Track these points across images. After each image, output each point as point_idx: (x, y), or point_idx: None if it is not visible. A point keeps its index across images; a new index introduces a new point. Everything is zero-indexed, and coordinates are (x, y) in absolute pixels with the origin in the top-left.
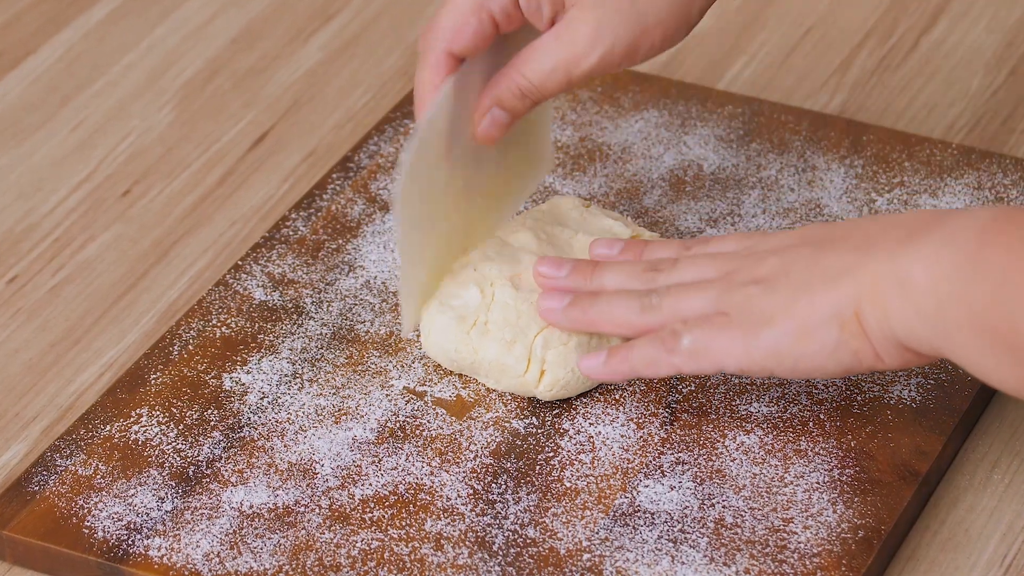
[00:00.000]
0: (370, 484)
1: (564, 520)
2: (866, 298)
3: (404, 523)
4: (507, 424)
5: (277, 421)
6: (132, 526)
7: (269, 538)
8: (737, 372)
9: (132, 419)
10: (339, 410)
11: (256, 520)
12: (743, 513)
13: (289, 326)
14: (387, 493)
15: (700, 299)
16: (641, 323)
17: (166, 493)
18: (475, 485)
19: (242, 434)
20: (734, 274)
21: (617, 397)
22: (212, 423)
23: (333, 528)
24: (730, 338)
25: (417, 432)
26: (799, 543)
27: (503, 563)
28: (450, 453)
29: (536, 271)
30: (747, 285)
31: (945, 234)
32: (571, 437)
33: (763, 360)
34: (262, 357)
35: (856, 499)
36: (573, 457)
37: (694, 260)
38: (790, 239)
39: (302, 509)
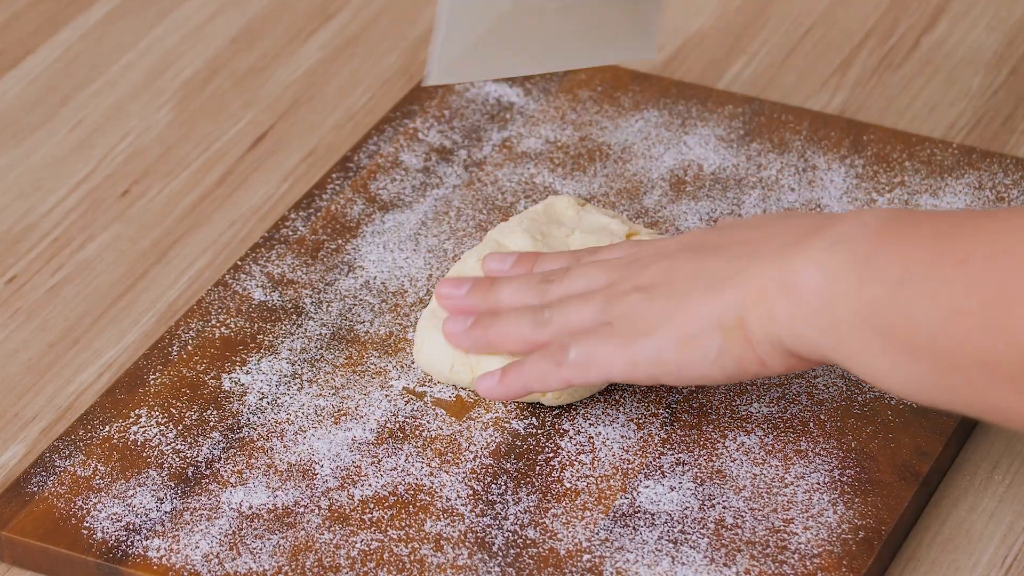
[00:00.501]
0: (369, 485)
1: (564, 521)
2: (750, 304)
3: (404, 524)
4: (507, 425)
5: (276, 422)
6: (131, 527)
7: (268, 539)
8: (624, 381)
9: (131, 420)
10: (338, 411)
11: (255, 521)
12: (743, 514)
13: (288, 326)
14: (387, 494)
15: (586, 310)
16: (535, 338)
17: (165, 494)
18: (475, 486)
19: (241, 435)
20: (618, 283)
21: (617, 398)
22: (211, 423)
23: (332, 529)
24: (614, 348)
25: (417, 433)
26: (799, 544)
27: (503, 564)
28: (450, 454)
29: (437, 293)
30: (630, 293)
31: (836, 236)
32: (571, 438)
33: (647, 368)
34: (261, 357)
35: (857, 500)
36: (573, 458)
37: (583, 269)
38: (675, 245)
39: (301, 510)
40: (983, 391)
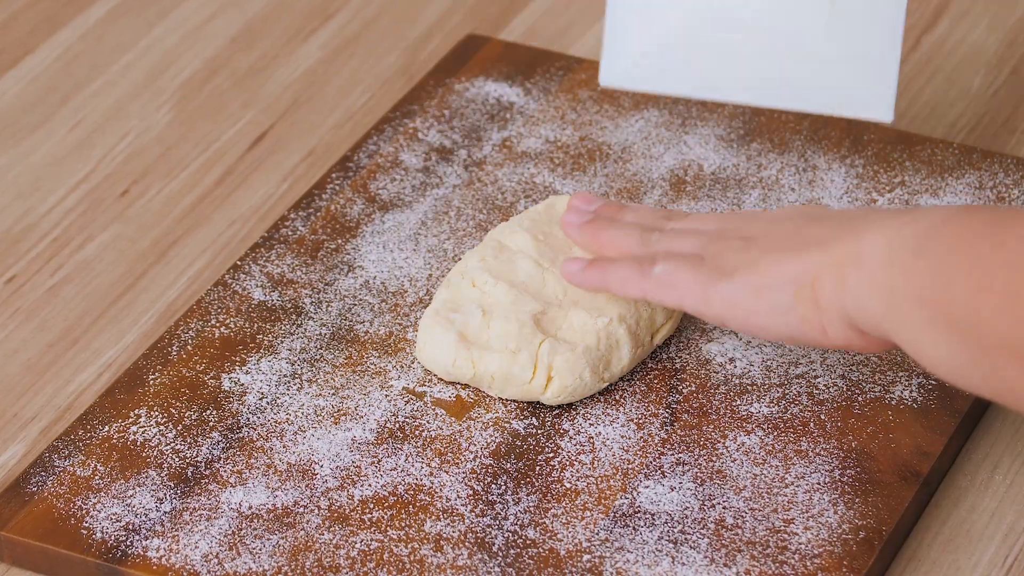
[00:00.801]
0: (369, 485)
1: (564, 521)
2: (827, 270)
3: (403, 524)
4: (507, 425)
5: (276, 422)
6: (131, 527)
7: (268, 539)
8: (694, 314)
9: (131, 420)
10: (338, 411)
11: (255, 521)
12: (744, 514)
13: (288, 326)
14: (386, 494)
15: (690, 243)
16: (637, 253)
17: (165, 494)
18: (475, 486)
19: (241, 435)
20: (728, 231)
21: (617, 398)
22: (211, 424)
23: (332, 529)
24: (695, 279)
25: (416, 433)
26: (800, 544)
27: (503, 564)
28: (450, 454)
29: (571, 201)
30: (732, 239)
31: (909, 218)
32: (571, 438)
33: (718, 307)
34: (261, 357)
35: (857, 500)
36: (573, 458)
37: (704, 217)
38: (795, 210)
39: (301, 510)
40: (1003, 371)
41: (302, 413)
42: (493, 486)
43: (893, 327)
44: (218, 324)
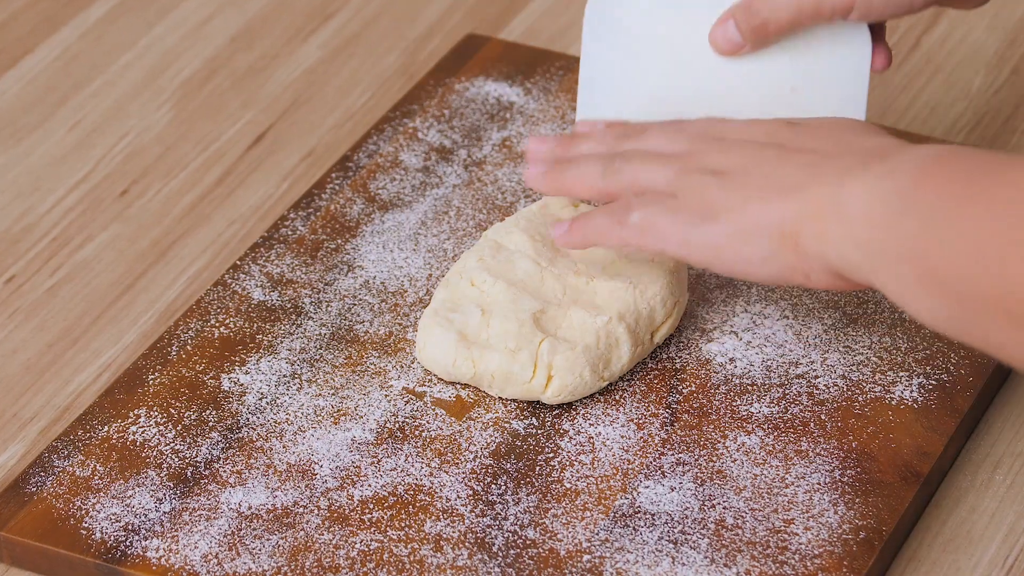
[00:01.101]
0: (369, 485)
1: (564, 521)
2: (806, 219)
3: (403, 524)
4: (507, 425)
5: (276, 422)
6: (130, 527)
7: (268, 539)
8: (676, 258)
9: (130, 420)
10: (338, 411)
11: (255, 521)
12: (744, 514)
13: (288, 326)
14: (386, 494)
15: (658, 172)
16: (604, 186)
17: (164, 494)
18: (475, 486)
19: (240, 435)
20: (696, 155)
21: (617, 398)
22: (210, 424)
23: (332, 529)
24: (674, 222)
25: (416, 433)
26: (800, 544)
27: (503, 564)
28: (449, 454)
29: (526, 147)
30: (705, 173)
31: (890, 166)
32: (571, 438)
33: (700, 251)
34: (261, 357)
35: (857, 500)
36: (573, 458)
37: (663, 129)
38: (760, 134)
39: (301, 510)
40: (988, 327)
41: (302, 413)
42: (493, 486)
43: (878, 279)
44: (218, 324)
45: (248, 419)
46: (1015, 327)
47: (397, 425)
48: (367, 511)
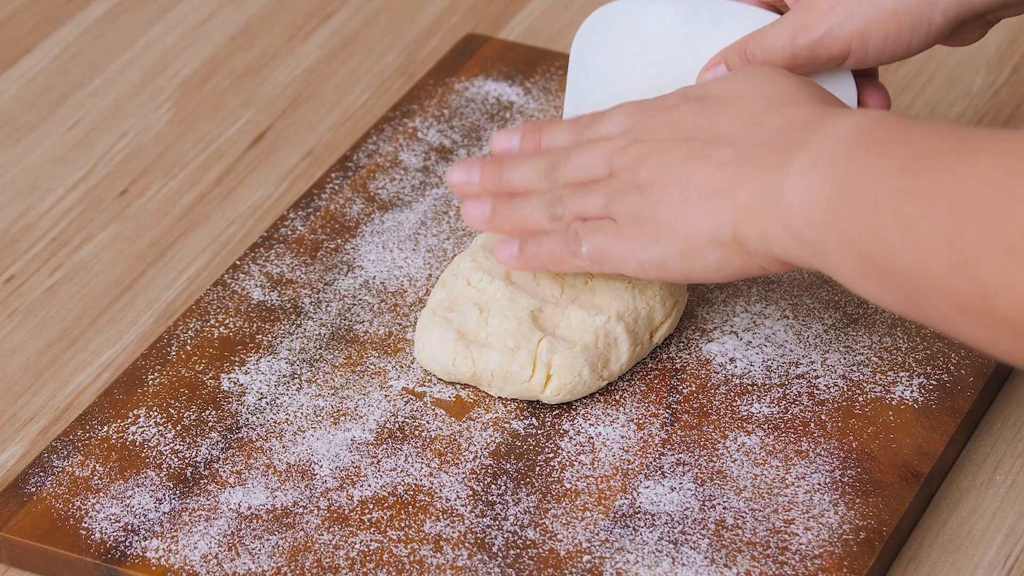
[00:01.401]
0: (369, 485)
1: (564, 521)
2: (742, 220)
3: (403, 524)
4: (507, 425)
5: (275, 422)
6: (129, 527)
7: (267, 539)
8: (636, 277)
9: (129, 420)
10: (338, 411)
11: (254, 521)
12: (744, 514)
13: (287, 326)
14: (386, 494)
15: (591, 201)
16: (551, 228)
17: (164, 494)
18: (474, 486)
19: (240, 435)
20: (618, 176)
21: (617, 398)
22: (210, 424)
23: (332, 530)
24: (623, 249)
25: (416, 433)
26: (800, 544)
27: (503, 565)
28: (449, 454)
29: (449, 180)
30: (629, 192)
31: (815, 153)
32: (571, 438)
33: (655, 272)
34: (260, 357)
35: (858, 500)
36: (573, 458)
37: (583, 153)
38: (664, 129)
39: (300, 510)
40: (955, 323)
41: (301, 413)
42: (493, 486)
43: (826, 268)
44: (217, 324)
45: (248, 419)
46: (982, 324)
47: (397, 425)
48: (367, 511)
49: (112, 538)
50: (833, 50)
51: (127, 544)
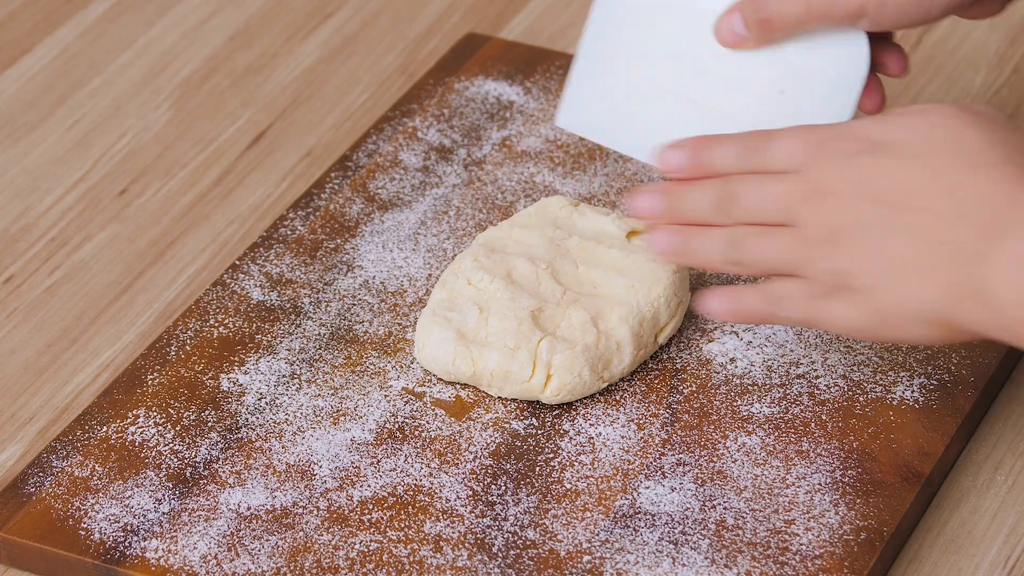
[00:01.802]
0: (368, 486)
1: (564, 522)
2: (948, 306)
3: (403, 525)
4: (507, 425)
5: (275, 422)
6: (129, 528)
7: (267, 540)
8: (829, 332)
9: (129, 420)
10: (337, 411)
11: (254, 522)
12: (744, 515)
13: (287, 326)
14: (386, 495)
15: (776, 253)
16: (732, 272)
17: (163, 495)
18: (474, 486)
19: (240, 435)
20: (802, 229)
21: (617, 398)
22: (209, 424)
23: (331, 530)
24: (832, 315)
25: (416, 433)
26: (801, 545)
27: (503, 565)
28: (449, 454)
29: (635, 208)
30: (819, 251)
31: (1021, 244)
32: (571, 438)
33: (856, 334)
34: (260, 357)
35: (858, 500)
36: (573, 458)
37: (758, 190)
38: (848, 184)
39: (300, 511)
40: None
41: (301, 413)
42: (493, 487)
43: None
44: (217, 324)
45: (247, 419)
46: None
47: (396, 425)
48: (366, 512)
49: (111, 538)
50: (849, 7)
51: (126, 544)
